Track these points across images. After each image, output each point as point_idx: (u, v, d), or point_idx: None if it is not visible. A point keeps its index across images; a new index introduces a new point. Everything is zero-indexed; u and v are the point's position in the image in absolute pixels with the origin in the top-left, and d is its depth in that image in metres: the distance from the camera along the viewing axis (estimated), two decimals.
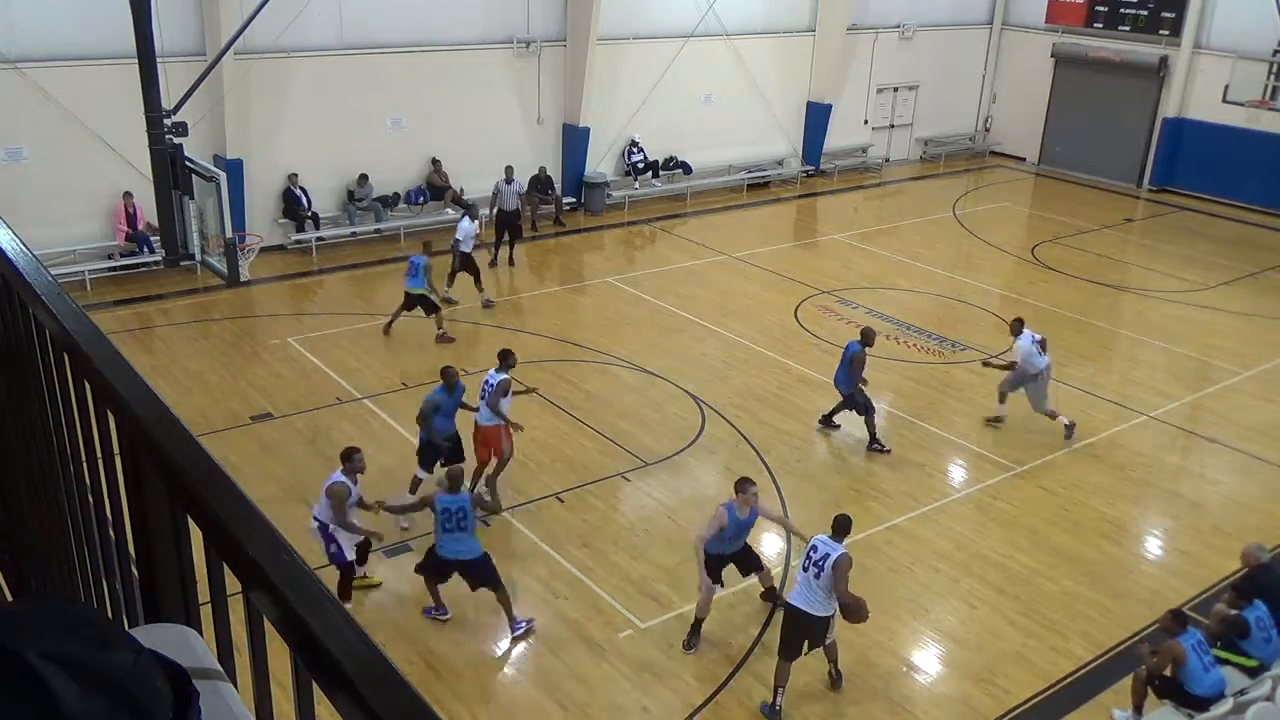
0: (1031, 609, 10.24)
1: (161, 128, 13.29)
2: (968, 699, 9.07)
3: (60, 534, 2.26)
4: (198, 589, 1.66)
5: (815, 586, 8.52)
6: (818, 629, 8.68)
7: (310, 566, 1.25)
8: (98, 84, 16.76)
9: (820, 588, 8.50)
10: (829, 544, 8.60)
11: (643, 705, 8.81)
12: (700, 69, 23.96)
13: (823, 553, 8.52)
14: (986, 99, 30.14)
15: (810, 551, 8.62)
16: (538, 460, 12.58)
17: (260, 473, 11.97)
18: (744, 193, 25.20)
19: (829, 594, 8.51)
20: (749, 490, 9.42)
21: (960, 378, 15.39)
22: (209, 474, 1.43)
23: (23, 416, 2.37)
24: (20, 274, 2.11)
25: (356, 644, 1.11)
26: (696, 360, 15.61)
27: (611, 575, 10.46)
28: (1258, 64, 23.35)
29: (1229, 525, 11.81)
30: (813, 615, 8.57)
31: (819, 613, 8.57)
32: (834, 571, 8.42)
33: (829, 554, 8.48)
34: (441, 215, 21.01)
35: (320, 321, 16.72)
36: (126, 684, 1.00)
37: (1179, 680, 8.39)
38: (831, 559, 8.44)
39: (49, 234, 16.57)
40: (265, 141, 19.06)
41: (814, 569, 8.50)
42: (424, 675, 8.89)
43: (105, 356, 1.76)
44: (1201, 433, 14.20)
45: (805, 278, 19.44)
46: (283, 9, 17.08)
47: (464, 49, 20.81)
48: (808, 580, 8.57)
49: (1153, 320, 18.25)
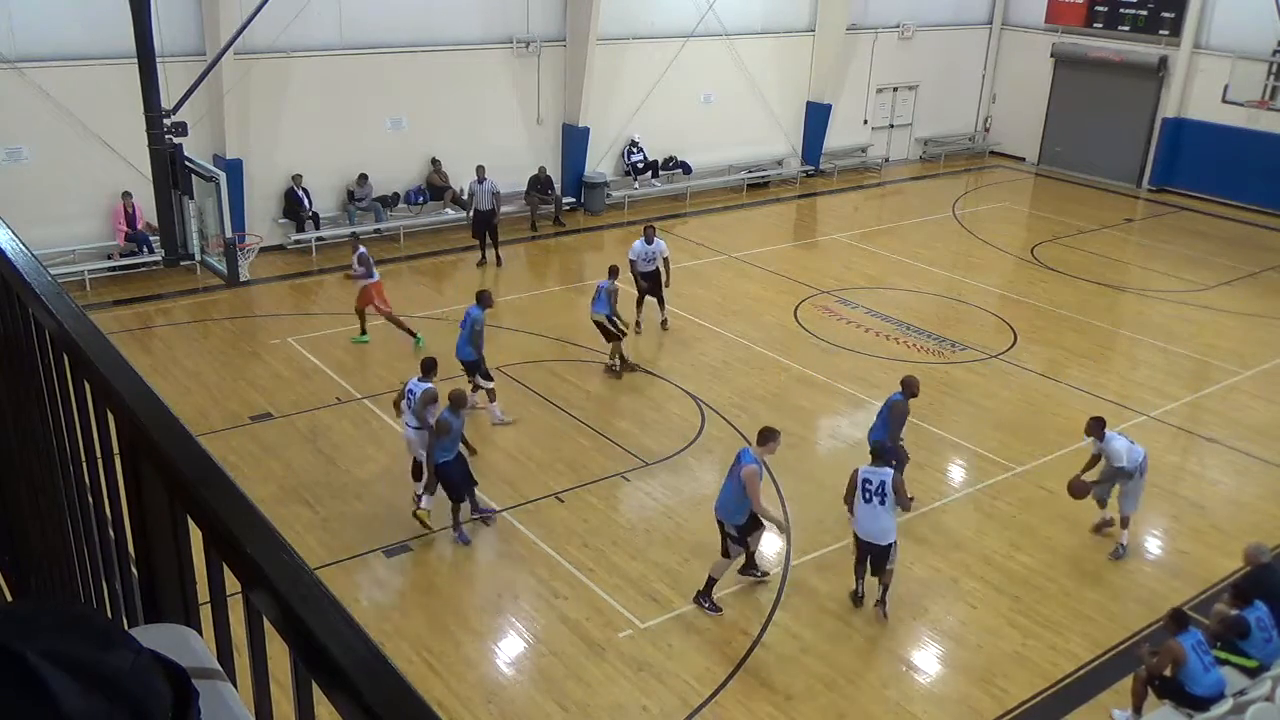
0: (1031, 609, 10.23)
1: (161, 128, 13.29)
2: (968, 699, 9.08)
3: (60, 534, 2.26)
4: (198, 589, 1.66)
5: (881, 513, 9.61)
6: (886, 555, 9.79)
7: (310, 566, 1.25)
8: (98, 84, 16.76)
9: (886, 512, 9.61)
10: (876, 471, 9.72)
11: (643, 705, 8.81)
12: (700, 69, 23.96)
13: (877, 480, 9.62)
14: (986, 99, 30.14)
15: (865, 485, 9.65)
16: (537, 460, 12.58)
17: (260, 473, 11.97)
18: (744, 193, 25.20)
19: (892, 516, 9.68)
20: (776, 442, 10.01)
21: (960, 378, 15.39)
22: (209, 474, 1.43)
23: (23, 416, 2.37)
24: (20, 274, 2.11)
25: (356, 644, 1.11)
26: (696, 360, 15.61)
27: (611, 575, 10.46)
28: (1257, 64, 23.37)
29: (1229, 525, 11.81)
30: (882, 545, 9.72)
31: (887, 540, 9.71)
32: (895, 491, 9.64)
33: (883, 479, 9.62)
34: (441, 215, 21.01)
35: (320, 321, 16.71)
36: (126, 684, 1.00)
37: (1179, 680, 8.38)
38: (888, 482, 9.61)
39: (49, 234, 16.58)
40: (265, 141, 19.06)
41: (877, 498, 9.60)
42: (424, 675, 8.89)
43: (105, 356, 1.76)
44: (1201, 433, 14.20)
45: (805, 278, 19.44)
46: (283, 9, 17.08)
47: (464, 49, 20.81)
48: (873, 510, 9.63)
49: (1153, 320, 18.25)
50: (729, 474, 9.88)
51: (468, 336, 13.00)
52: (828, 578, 10.58)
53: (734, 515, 9.78)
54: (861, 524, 9.76)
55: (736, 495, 9.70)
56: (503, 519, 11.36)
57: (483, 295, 13.27)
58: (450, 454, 10.64)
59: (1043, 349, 16.69)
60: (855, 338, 16.68)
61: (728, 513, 9.84)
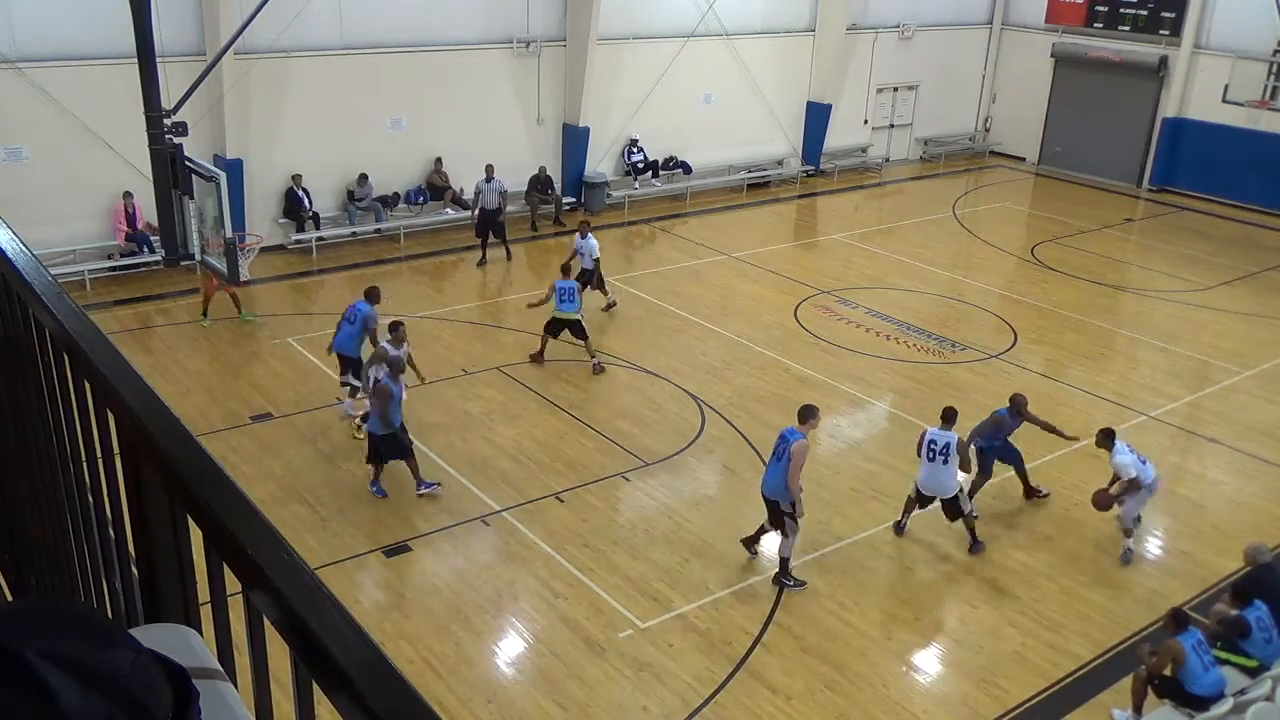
0: (1031, 609, 10.24)
1: (161, 127, 13.29)
2: (968, 699, 9.07)
3: (60, 534, 2.26)
4: (198, 589, 1.66)
5: (943, 470, 10.73)
6: (955, 504, 10.88)
7: (310, 566, 1.25)
8: (98, 84, 16.76)
9: (948, 469, 10.74)
10: (943, 433, 10.80)
11: (643, 705, 8.81)
12: (700, 69, 23.95)
13: (943, 441, 10.71)
14: (986, 99, 30.14)
15: (930, 444, 10.75)
16: (537, 460, 12.58)
17: (260, 473, 11.97)
18: (744, 193, 25.20)
19: (954, 471, 10.79)
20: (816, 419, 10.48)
21: (960, 378, 15.38)
22: (209, 474, 1.43)
23: (23, 416, 2.37)
24: (20, 274, 2.11)
25: (356, 644, 1.11)
26: (696, 360, 15.61)
27: (611, 575, 10.46)
28: (1257, 64, 23.36)
29: (1229, 525, 11.81)
30: (948, 498, 10.86)
31: (950, 493, 10.84)
32: (959, 452, 10.75)
33: (949, 440, 10.71)
34: (441, 215, 21.01)
35: (320, 321, 16.70)
36: (126, 684, 1.00)
37: (1179, 680, 8.39)
38: (952, 445, 10.70)
39: (49, 234, 16.58)
40: (265, 141, 19.06)
41: (940, 456, 10.70)
42: (424, 675, 8.89)
43: (105, 356, 1.76)
44: (1201, 433, 14.20)
45: (805, 278, 19.44)
46: (283, 9, 17.08)
47: (464, 49, 20.81)
48: (936, 468, 10.74)
49: (1153, 320, 18.25)
50: (775, 455, 10.25)
51: (357, 333, 12.73)
52: (828, 578, 10.58)
53: (785, 493, 10.15)
54: (926, 480, 10.87)
55: (785, 473, 10.11)
56: (503, 519, 11.36)
57: (372, 291, 13.03)
58: (386, 429, 11.21)
59: (1043, 349, 16.69)
60: (855, 338, 16.68)
61: (778, 492, 10.19)
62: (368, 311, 12.73)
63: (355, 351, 12.87)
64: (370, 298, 12.92)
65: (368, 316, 12.70)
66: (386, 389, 11.16)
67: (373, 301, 12.88)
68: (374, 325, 12.69)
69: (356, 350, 12.86)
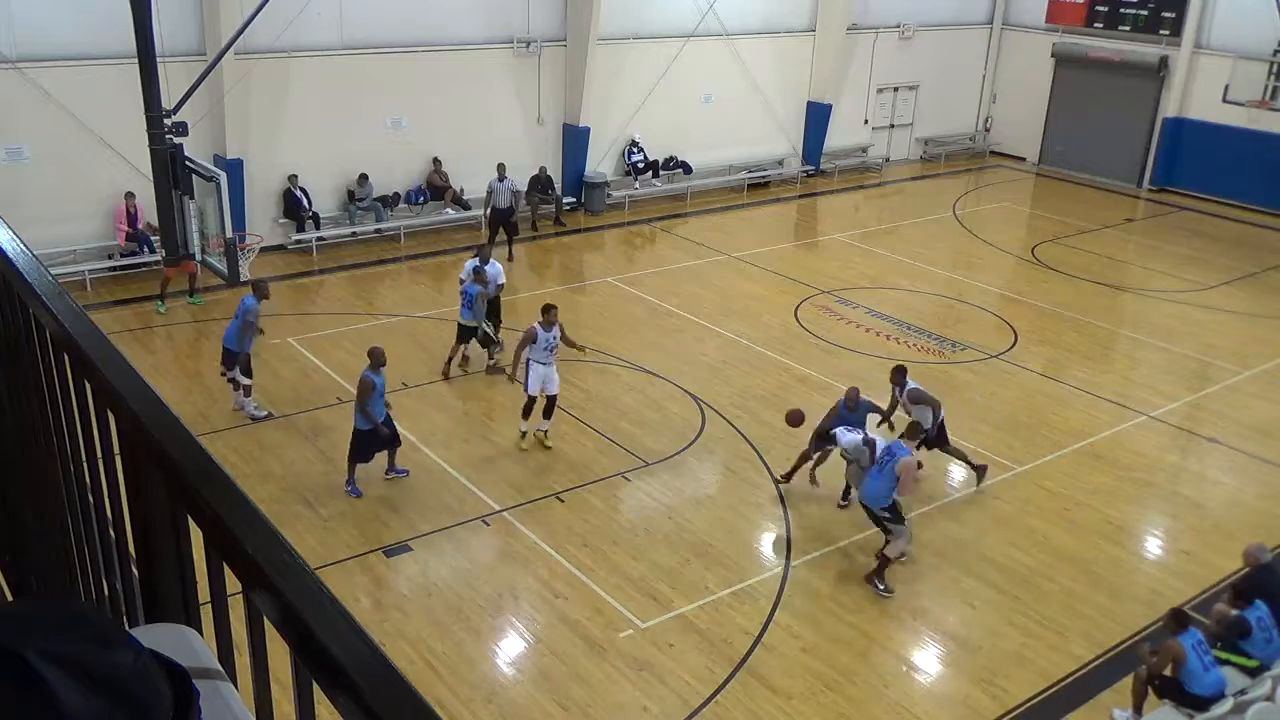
0: (1031, 609, 10.23)
1: (162, 127, 13.31)
2: (968, 699, 9.07)
3: (60, 534, 2.26)
4: (198, 589, 1.66)
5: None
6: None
7: (310, 566, 1.25)
8: (98, 84, 16.75)
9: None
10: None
11: (643, 705, 8.81)
12: (700, 69, 23.95)
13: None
14: (986, 99, 30.14)
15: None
16: (538, 460, 12.58)
17: (260, 473, 11.97)
18: (744, 193, 25.20)
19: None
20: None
21: (960, 378, 15.38)
22: (209, 474, 1.43)
23: (22, 416, 2.37)
24: (20, 273, 2.11)
25: (356, 644, 1.11)
26: (696, 360, 15.61)
27: (611, 575, 10.46)
28: (1258, 64, 23.34)
29: (1229, 525, 11.80)
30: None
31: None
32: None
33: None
34: (442, 215, 21.01)
35: (320, 321, 16.72)
36: (127, 684, 1.00)
37: (1179, 680, 8.39)
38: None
39: (49, 233, 16.57)
40: (265, 141, 19.06)
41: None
42: (424, 675, 8.89)
43: (105, 356, 1.76)
44: (1201, 433, 14.19)
45: (805, 278, 19.44)
46: (283, 9, 17.07)
47: (464, 49, 20.81)
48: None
49: (1153, 320, 18.25)
50: (877, 464, 10.38)
51: (239, 327, 12.86)
52: (828, 578, 10.58)
53: (879, 500, 10.34)
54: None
55: (886, 483, 10.27)
56: (503, 519, 11.36)
57: (258, 285, 13.13)
58: (368, 424, 11.25)
59: (1043, 349, 16.69)
60: (855, 338, 16.68)
61: (873, 499, 10.39)
62: (250, 305, 12.80)
63: (237, 345, 12.94)
64: (257, 291, 12.93)
65: (247, 310, 12.79)
66: (369, 382, 11.21)
67: (259, 296, 12.89)
68: (253, 319, 12.82)
69: (237, 344, 12.93)
